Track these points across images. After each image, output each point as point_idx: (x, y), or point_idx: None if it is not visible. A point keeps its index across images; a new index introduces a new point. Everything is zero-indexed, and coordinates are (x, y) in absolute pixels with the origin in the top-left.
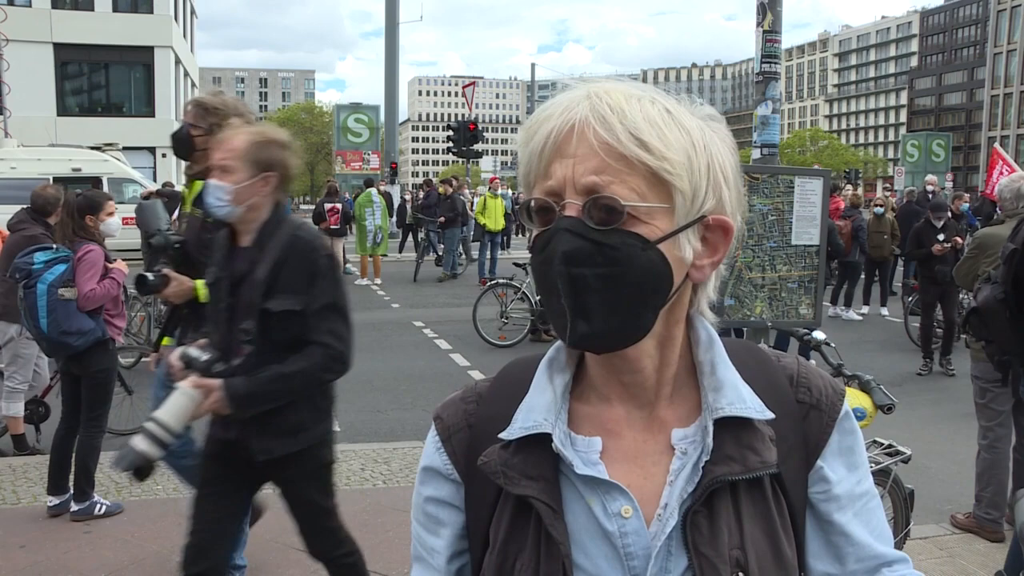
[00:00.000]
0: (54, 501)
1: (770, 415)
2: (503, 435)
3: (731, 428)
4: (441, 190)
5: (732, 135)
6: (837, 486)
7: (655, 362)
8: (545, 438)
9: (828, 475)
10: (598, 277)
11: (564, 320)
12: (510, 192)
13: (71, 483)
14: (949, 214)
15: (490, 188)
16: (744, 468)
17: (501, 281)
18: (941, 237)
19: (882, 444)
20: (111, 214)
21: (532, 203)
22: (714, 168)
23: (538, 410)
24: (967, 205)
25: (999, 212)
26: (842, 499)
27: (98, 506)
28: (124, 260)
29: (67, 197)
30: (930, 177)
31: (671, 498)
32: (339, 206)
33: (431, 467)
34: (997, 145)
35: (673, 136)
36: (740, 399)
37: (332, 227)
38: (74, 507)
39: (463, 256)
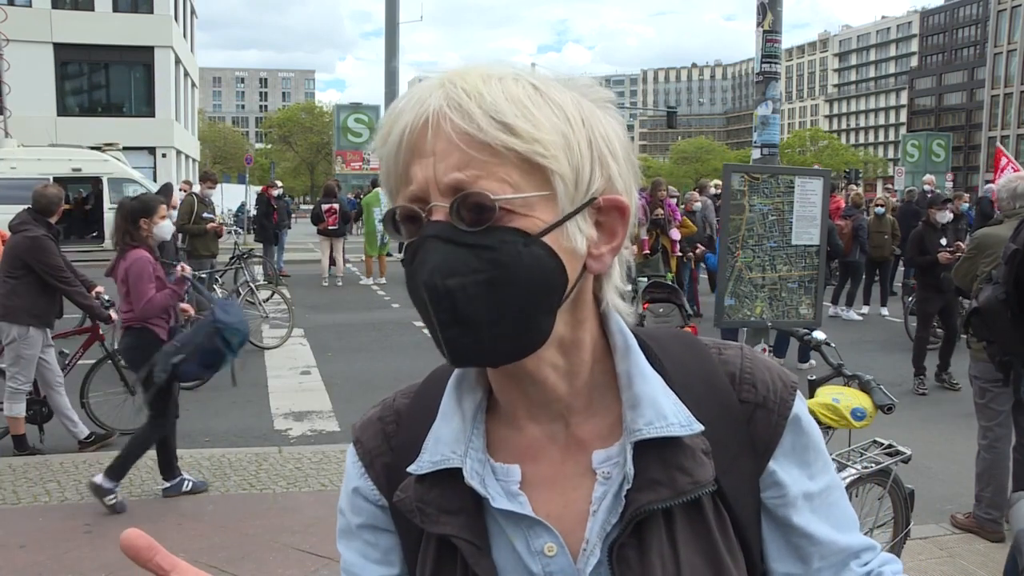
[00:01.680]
0: (165, 484)
1: (698, 428)
2: (411, 468)
3: (655, 448)
4: None
5: (614, 104)
6: (793, 488)
7: (560, 370)
8: (458, 471)
9: (782, 479)
10: (478, 284)
11: (444, 336)
12: None
13: (178, 465)
14: (950, 215)
15: None
16: (673, 492)
17: None
18: (944, 242)
19: (882, 444)
20: (164, 217)
21: (396, 213)
22: (597, 143)
23: (445, 441)
24: (967, 205)
25: (998, 212)
26: (799, 500)
27: (109, 496)
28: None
29: (121, 201)
30: (928, 177)
31: (592, 532)
32: (337, 206)
33: (359, 490)
34: (1000, 145)
35: (543, 114)
36: (660, 416)
37: (330, 227)
38: (99, 480)
39: None
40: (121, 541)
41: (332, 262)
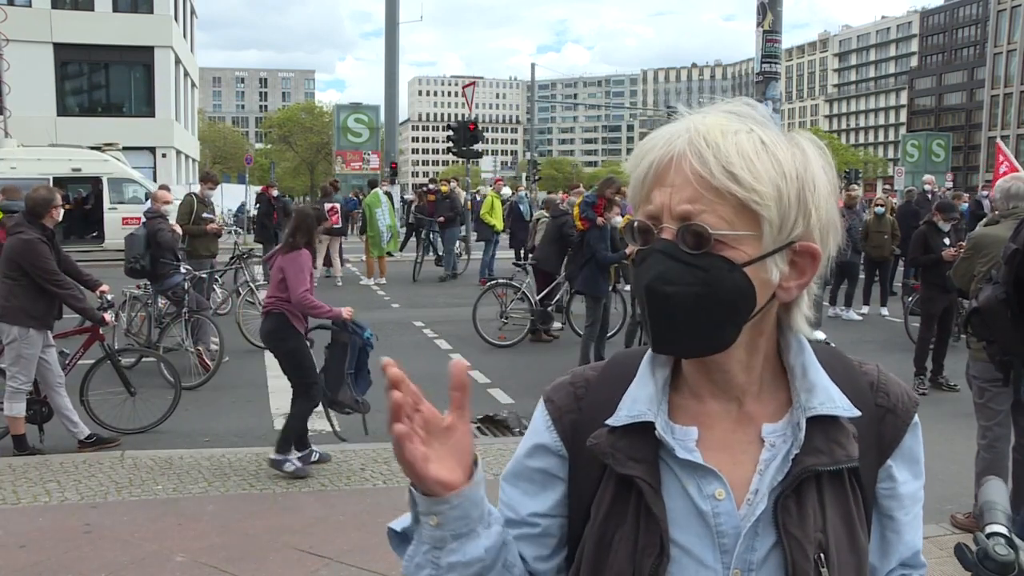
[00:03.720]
0: (277, 457)
1: (857, 412)
2: (610, 421)
3: (820, 425)
4: (444, 189)
5: (828, 158)
6: (902, 486)
7: (743, 365)
8: (648, 426)
9: (895, 474)
10: (688, 295)
11: (653, 329)
12: (510, 192)
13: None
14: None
15: (493, 188)
16: (831, 460)
17: (501, 281)
18: (947, 242)
19: None
20: None
21: (636, 224)
22: (804, 196)
23: (642, 400)
24: (966, 205)
25: (995, 212)
26: (904, 499)
27: (289, 464)
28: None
29: (306, 210)
30: (928, 177)
31: (762, 485)
32: (338, 205)
33: (541, 444)
34: (999, 141)
35: (764, 168)
36: (830, 399)
37: (334, 227)
38: (273, 456)
39: (462, 255)
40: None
41: (327, 262)
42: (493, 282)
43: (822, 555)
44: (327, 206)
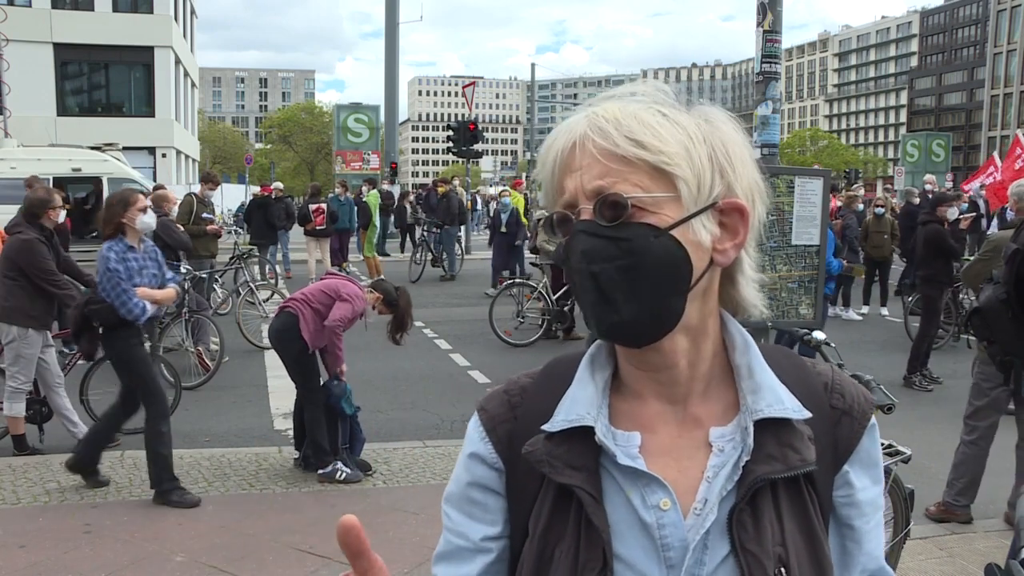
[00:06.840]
0: (324, 471)
1: (807, 414)
2: (546, 426)
3: (771, 428)
4: (441, 189)
5: (739, 125)
6: (860, 493)
7: (688, 358)
8: (587, 431)
9: (852, 480)
10: (618, 269)
11: (593, 314)
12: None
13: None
14: (957, 211)
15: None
16: (785, 466)
17: (518, 281)
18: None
19: (882, 444)
20: None
21: (554, 217)
22: (717, 157)
23: (581, 403)
24: (965, 205)
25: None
26: (863, 507)
27: (339, 472)
28: None
29: (406, 300)
30: (929, 177)
31: (711, 494)
32: (324, 206)
33: (476, 453)
34: (1020, 132)
35: (668, 133)
36: (778, 400)
37: (318, 227)
38: (320, 472)
39: (460, 255)
40: (339, 528)
41: (338, 260)
42: (510, 281)
43: (783, 569)
44: (313, 207)
